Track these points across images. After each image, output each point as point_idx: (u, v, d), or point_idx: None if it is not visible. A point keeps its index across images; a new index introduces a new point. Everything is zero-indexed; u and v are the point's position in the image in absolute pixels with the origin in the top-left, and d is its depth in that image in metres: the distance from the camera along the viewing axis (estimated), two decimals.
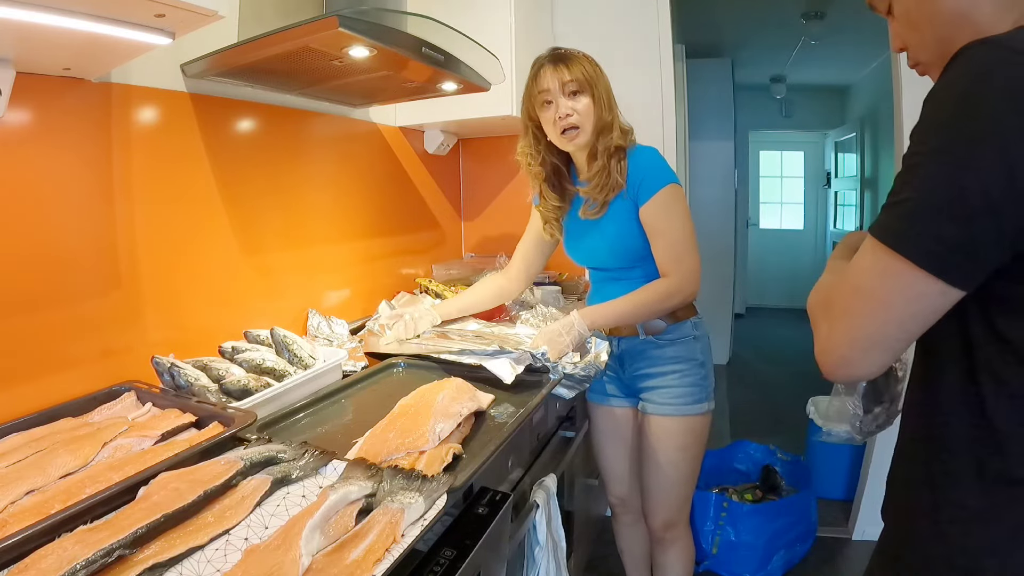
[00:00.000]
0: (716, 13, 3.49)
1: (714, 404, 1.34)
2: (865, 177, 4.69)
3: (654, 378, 1.32)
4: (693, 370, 1.30)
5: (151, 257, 1.14)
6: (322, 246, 1.63)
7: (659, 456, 1.32)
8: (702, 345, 1.33)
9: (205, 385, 1.03)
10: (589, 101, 1.25)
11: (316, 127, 1.59)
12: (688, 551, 1.40)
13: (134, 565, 0.58)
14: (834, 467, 2.33)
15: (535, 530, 1.12)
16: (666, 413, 1.31)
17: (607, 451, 1.49)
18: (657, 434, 1.32)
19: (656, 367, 1.32)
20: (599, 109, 1.25)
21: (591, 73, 1.25)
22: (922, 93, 0.54)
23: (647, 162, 1.26)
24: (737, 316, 4.99)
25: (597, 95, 1.25)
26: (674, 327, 1.31)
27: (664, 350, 1.31)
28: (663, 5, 2.13)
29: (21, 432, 0.86)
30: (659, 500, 1.35)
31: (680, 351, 1.31)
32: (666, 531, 1.37)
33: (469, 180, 2.43)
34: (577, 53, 1.27)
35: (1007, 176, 0.47)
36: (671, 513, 1.35)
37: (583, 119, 1.25)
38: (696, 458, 1.34)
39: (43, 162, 0.96)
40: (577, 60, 1.25)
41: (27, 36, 0.76)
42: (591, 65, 1.26)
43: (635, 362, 1.34)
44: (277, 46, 1.03)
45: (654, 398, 1.32)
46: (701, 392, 1.31)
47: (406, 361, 1.34)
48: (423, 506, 0.71)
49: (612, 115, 1.27)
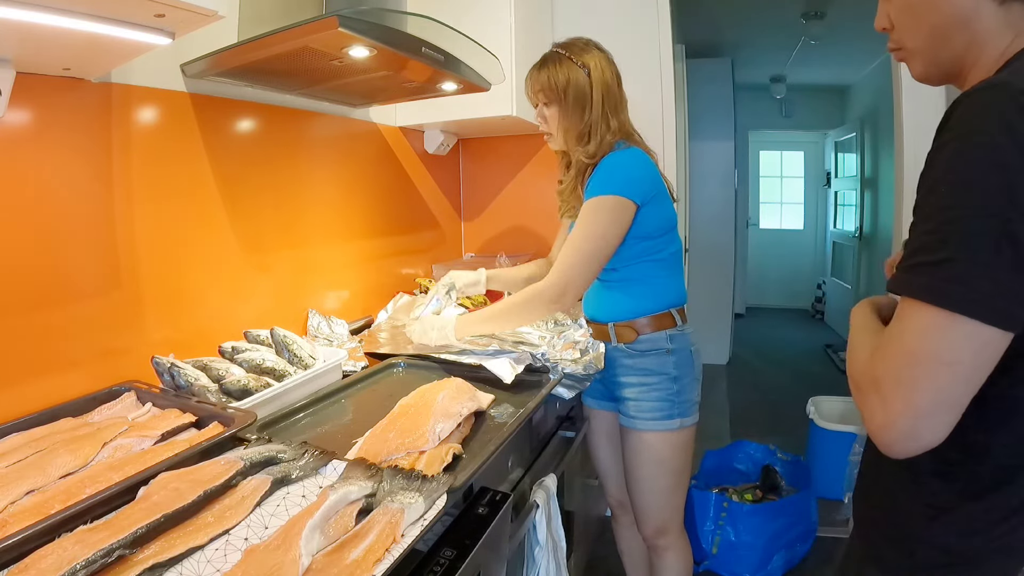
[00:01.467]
0: (716, 13, 3.48)
1: (694, 419, 1.30)
2: (865, 177, 4.69)
3: (626, 388, 1.30)
4: (663, 384, 1.26)
5: (151, 257, 1.14)
6: (322, 246, 1.63)
7: (637, 470, 1.31)
8: (678, 359, 1.27)
9: (205, 385, 1.03)
10: (556, 110, 1.24)
11: (316, 127, 1.59)
12: (684, 556, 1.39)
13: (134, 565, 0.58)
14: (834, 467, 2.32)
15: (535, 530, 1.12)
16: (635, 427, 1.28)
17: (601, 453, 1.49)
18: (631, 446, 1.30)
19: (627, 377, 1.30)
20: (566, 118, 1.24)
21: (560, 81, 1.22)
22: (922, 93, 0.54)
23: (602, 170, 1.22)
24: (737, 316, 4.99)
25: (565, 104, 1.23)
26: (645, 338, 1.27)
27: (635, 360, 1.28)
28: (663, 5, 2.13)
29: (21, 432, 0.86)
30: (645, 511, 1.34)
31: (650, 363, 1.27)
32: (658, 538, 1.35)
33: (469, 180, 2.43)
34: (562, 54, 1.24)
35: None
36: (660, 522, 1.33)
37: (551, 127, 1.27)
38: (675, 471, 1.30)
39: (43, 162, 0.96)
40: (553, 65, 1.23)
41: (27, 36, 0.76)
42: (567, 71, 1.22)
43: (612, 369, 1.32)
44: (277, 46, 1.03)
45: (626, 410, 1.30)
46: (672, 408, 1.26)
47: (406, 361, 1.35)
48: (423, 506, 0.71)
49: (587, 123, 1.23)
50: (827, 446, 2.35)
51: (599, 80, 1.23)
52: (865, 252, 4.70)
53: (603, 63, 1.25)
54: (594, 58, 1.25)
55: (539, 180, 2.31)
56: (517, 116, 1.81)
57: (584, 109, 1.23)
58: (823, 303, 5.85)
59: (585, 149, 1.24)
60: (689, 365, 1.29)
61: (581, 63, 1.23)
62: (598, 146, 1.24)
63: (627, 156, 1.23)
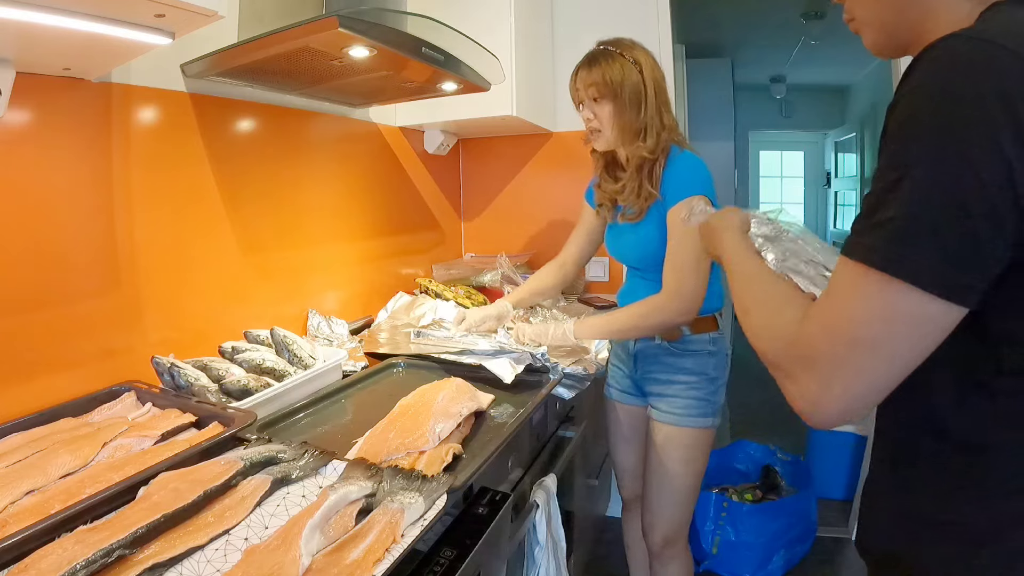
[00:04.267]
0: (716, 13, 3.49)
1: (719, 421, 1.32)
2: (865, 177, 4.69)
3: (663, 384, 1.31)
4: (702, 384, 1.28)
5: (151, 257, 1.14)
6: (322, 246, 1.63)
7: (662, 466, 1.31)
8: (716, 361, 1.30)
9: (205, 385, 1.03)
10: (611, 107, 1.22)
11: (316, 127, 1.59)
12: (687, 568, 1.39)
13: (134, 565, 0.58)
14: (834, 467, 2.33)
15: (535, 530, 1.12)
16: (670, 422, 1.29)
17: (620, 447, 1.50)
18: (661, 442, 1.31)
19: (667, 374, 1.31)
20: (622, 115, 1.22)
21: (616, 77, 1.21)
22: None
23: (681, 170, 1.22)
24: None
25: (621, 101, 1.21)
26: (691, 338, 1.28)
27: (678, 359, 1.30)
28: (663, 5, 2.13)
29: (21, 432, 0.86)
30: (659, 514, 1.34)
31: (693, 363, 1.29)
32: (665, 548, 1.35)
33: (469, 180, 2.43)
34: (613, 51, 1.23)
35: (1007, 177, 0.42)
36: (670, 530, 1.33)
37: (603, 124, 1.25)
38: (698, 474, 1.31)
39: (43, 162, 0.96)
40: (606, 62, 1.22)
41: (27, 36, 0.76)
42: (621, 67, 1.21)
43: (648, 364, 1.33)
44: (277, 46, 1.03)
45: (661, 405, 1.31)
46: (707, 407, 1.28)
47: (406, 361, 1.35)
48: (423, 506, 0.71)
49: (643, 120, 1.23)
50: (827, 446, 2.35)
51: (651, 77, 1.23)
52: None
53: (652, 61, 1.25)
54: (644, 55, 1.25)
55: (539, 180, 2.31)
56: (517, 116, 1.81)
57: (640, 105, 1.22)
58: None
59: (645, 145, 1.23)
60: (724, 368, 1.32)
61: (633, 60, 1.22)
62: (656, 143, 1.23)
63: (696, 157, 1.25)
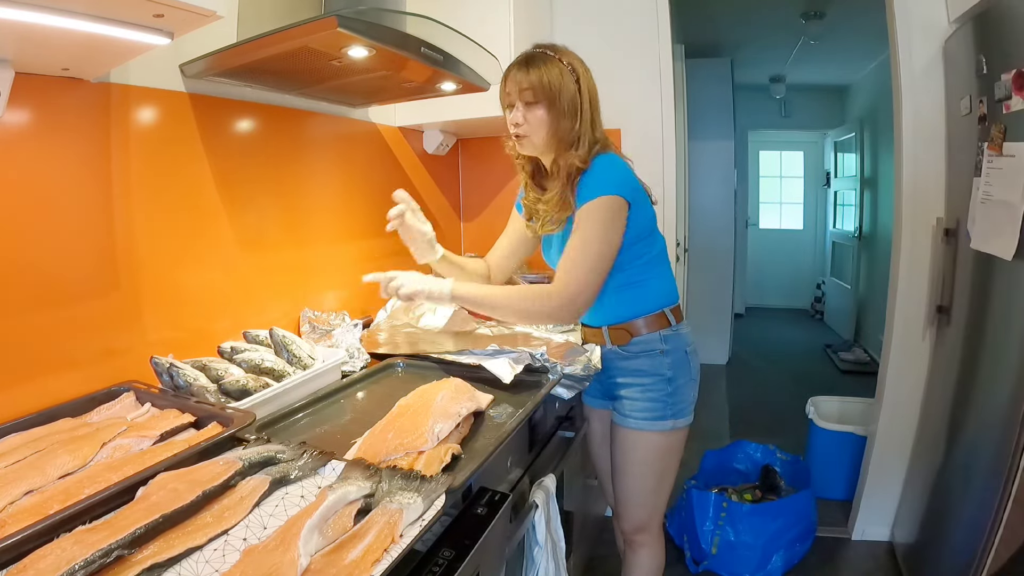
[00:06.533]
0: (716, 13, 3.48)
1: (688, 420, 1.29)
2: (865, 177, 4.69)
3: (621, 388, 1.31)
4: (657, 385, 1.26)
5: (150, 257, 1.14)
6: (321, 246, 1.63)
7: (623, 467, 1.32)
8: (672, 360, 1.26)
9: (204, 385, 1.03)
10: (544, 113, 1.16)
11: (316, 127, 1.59)
12: (657, 556, 1.39)
13: (133, 565, 0.58)
14: (834, 467, 2.32)
15: (534, 530, 1.12)
16: (627, 426, 1.29)
17: (596, 451, 1.51)
18: (620, 444, 1.31)
19: (622, 378, 1.30)
20: (557, 123, 1.17)
21: (554, 82, 1.15)
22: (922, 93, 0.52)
23: (595, 172, 1.18)
24: (737, 316, 4.99)
25: (557, 108, 1.16)
26: (638, 340, 1.26)
27: (629, 362, 1.28)
28: (663, 5, 2.13)
29: (20, 432, 0.86)
30: (626, 507, 1.35)
31: (644, 364, 1.27)
32: (635, 534, 1.37)
33: (468, 180, 2.43)
34: (551, 56, 1.17)
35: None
36: (639, 520, 1.35)
37: (532, 129, 1.18)
38: (660, 473, 1.30)
39: (42, 162, 0.96)
40: (544, 65, 1.16)
41: (26, 36, 0.76)
42: (559, 72, 1.16)
43: (609, 369, 1.33)
44: (276, 46, 1.03)
45: (619, 408, 1.31)
46: (665, 409, 1.25)
47: (405, 361, 1.35)
48: (422, 506, 0.71)
49: (578, 129, 1.18)
50: (827, 446, 2.35)
51: (587, 86, 1.20)
52: (865, 252, 4.70)
53: (587, 70, 1.22)
54: (580, 63, 1.21)
55: None
56: None
57: (576, 114, 1.18)
58: (823, 303, 5.85)
59: (577, 154, 1.18)
60: (685, 366, 1.28)
61: (571, 67, 1.19)
62: (588, 152, 1.18)
63: (612, 158, 1.20)
